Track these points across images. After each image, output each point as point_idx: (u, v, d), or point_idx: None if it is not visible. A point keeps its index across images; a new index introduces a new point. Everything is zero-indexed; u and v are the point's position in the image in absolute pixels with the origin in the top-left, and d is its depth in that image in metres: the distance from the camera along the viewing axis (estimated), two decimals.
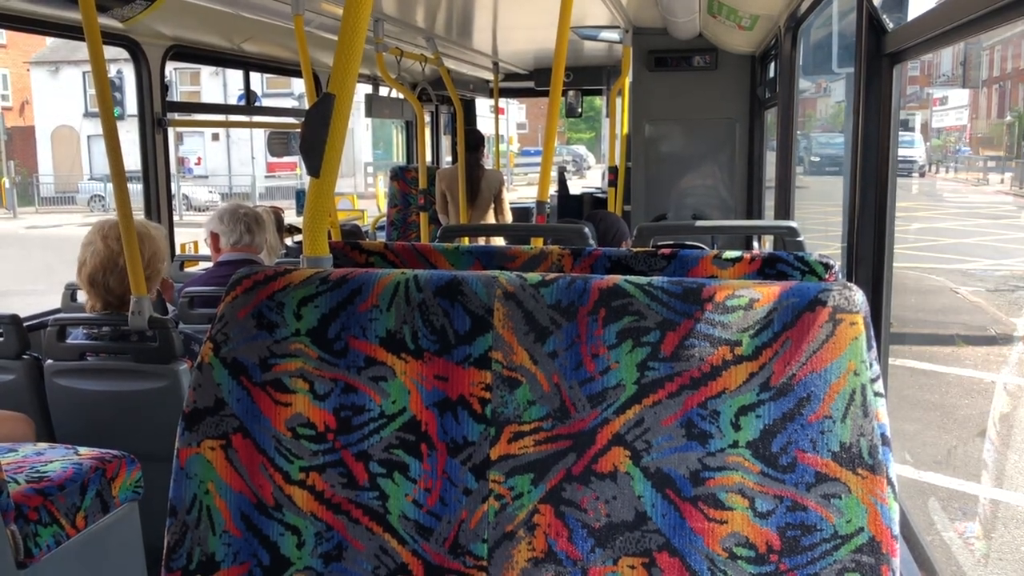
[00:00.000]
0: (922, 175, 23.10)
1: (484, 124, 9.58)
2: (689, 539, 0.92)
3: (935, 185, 22.83)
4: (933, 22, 1.87)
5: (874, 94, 2.32)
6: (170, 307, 3.58)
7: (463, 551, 0.96)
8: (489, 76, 7.08)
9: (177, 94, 28.20)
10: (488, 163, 7.15)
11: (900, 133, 2.42)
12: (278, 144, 5.83)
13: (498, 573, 0.95)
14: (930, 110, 23.97)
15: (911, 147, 21.29)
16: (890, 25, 2.27)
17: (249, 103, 5.67)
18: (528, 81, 7.77)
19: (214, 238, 3.62)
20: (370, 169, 29.80)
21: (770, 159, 5.43)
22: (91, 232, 2.90)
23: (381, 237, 7.66)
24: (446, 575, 0.97)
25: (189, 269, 4.65)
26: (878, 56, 2.30)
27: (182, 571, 0.99)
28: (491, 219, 6.31)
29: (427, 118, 7.91)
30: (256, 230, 3.58)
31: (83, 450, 2.44)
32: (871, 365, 0.89)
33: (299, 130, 1.20)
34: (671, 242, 3.67)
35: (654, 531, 0.93)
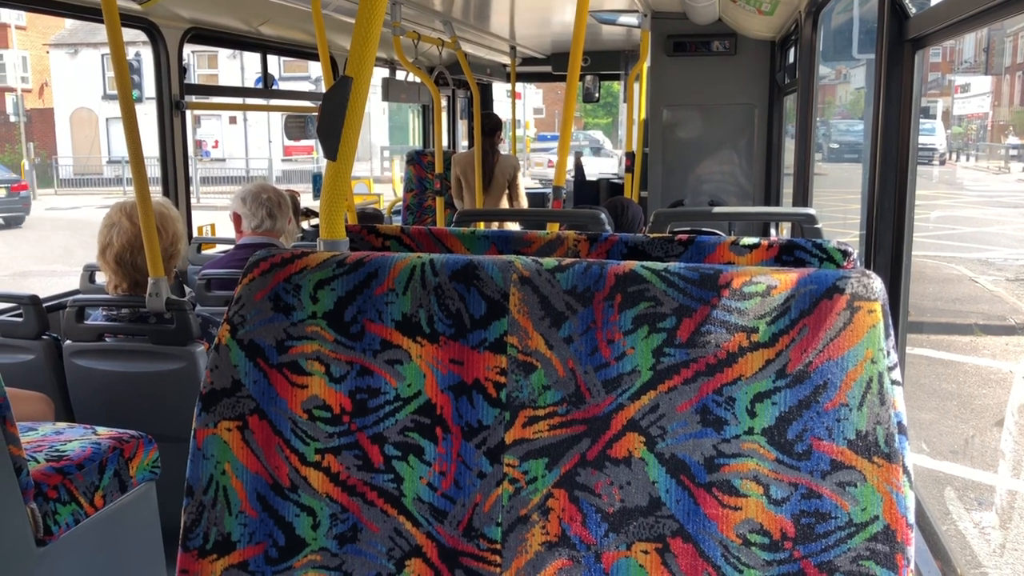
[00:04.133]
0: (942, 163, 22.88)
1: (501, 108, 9.56)
2: (703, 525, 0.92)
3: (955, 173, 22.62)
4: (956, 7, 1.85)
5: (895, 80, 2.30)
6: (187, 289, 3.60)
7: (477, 534, 0.96)
8: (506, 60, 7.05)
9: (195, 77, 28.27)
10: (505, 148, 7.13)
11: (921, 120, 2.40)
12: (295, 127, 5.84)
13: (512, 556, 0.96)
14: (952, 97, 23.72)
15: (931, 135, 21.08)
16: (913, 10, 2.24)
17: (266, 86, 5.67)
18: (545, 66, 7.73)
19: (236, 219, 3.64)
20: (386, 153, 29.80)
21: (789, 146, 5.40)
22: (113, 212, 2.90)
23: (397, 221, 7.67)
24: (460, 558, 0.97)
25: (206, 251, 4.68)
26: (900, 42, 2.28)
27: (198, 551, 1.00)
28: (505, 205, 6.29)
29: (444, 102, 7.90)
30: (278, 214, 3.58)
31: (101, 430, 2.47)
32: (888, 353, 0.89)
33: (316, 113, 1.20)
34: (688, 228, 3.66)
35: (668, 517, 0.93)
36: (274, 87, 6.28)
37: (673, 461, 0.92)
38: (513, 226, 5.75)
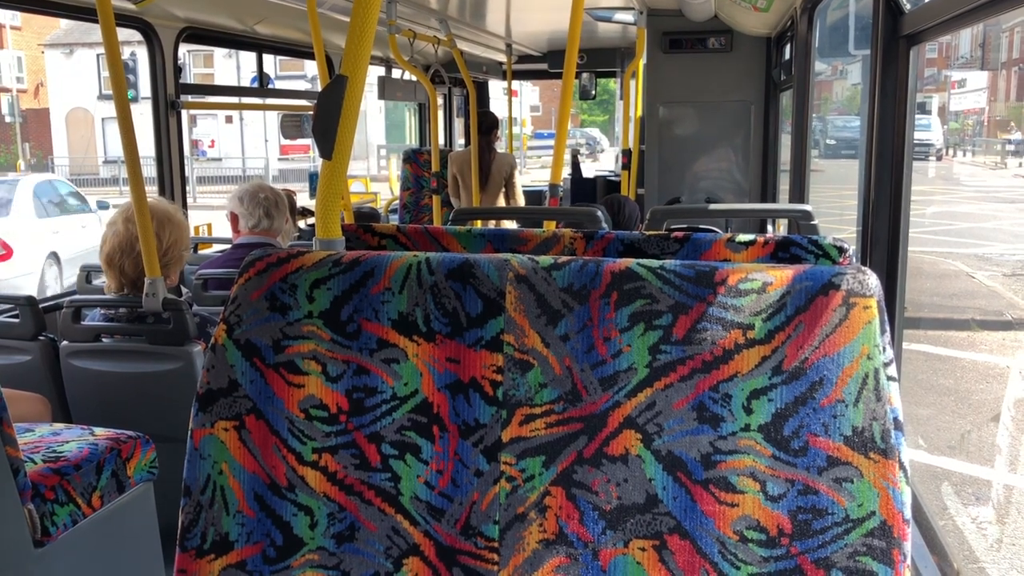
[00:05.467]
0: (939, 158, 22.89)
1: (497, 106, 9.55)
2: (700, 522, 0.92)
3: (952, 169, 22.64)
4: (951, 3, 1.85)
5: (890, 76, 2.30)
6: (183, 289, 3.60)
7: (474, 532, 0.96)
8: (502, 58, 7.05)
9: (190, 76, 28.23)
10: (502, 146, 7.12)
11: (916, 116, 2.40)
12: (291, 126, 5.83)
13: (509, 554, 0.96)
14: (947, 93, 23.73)
15: (927, 130, 21.09)
16: (907, 6, 2.24)
17: (262, 85, 5.67)
18: (541, 63, 7.73)
19: (234, 218, 3.63)
20: (383, 152, 29.77)
21: (785, 142, 5.40)
22: (117, 212, 2.92)
23: (394, 220, 7.66)
24: (458, 556, 0.97)
25: (203, 251, 4.68)
26: (895, 38, 2.28)
27: (196, 550, 1.00)
28: (502, 203, 6.29)
29: (440, 100, 7.88)
30: (275, 214, 3.58)
31: (98, 431, 2.47)
32: (884, 349, 0.89)
33: (312, 112, 1.20)
34: (684, 225, 3.66)
35: (665, 514, 0.93)
36: (270, 86, 6.27)
37: (670, 458, 0.92)
38: (510, 224, 5.75)
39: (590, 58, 7.51)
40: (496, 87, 9.67)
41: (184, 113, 4.47)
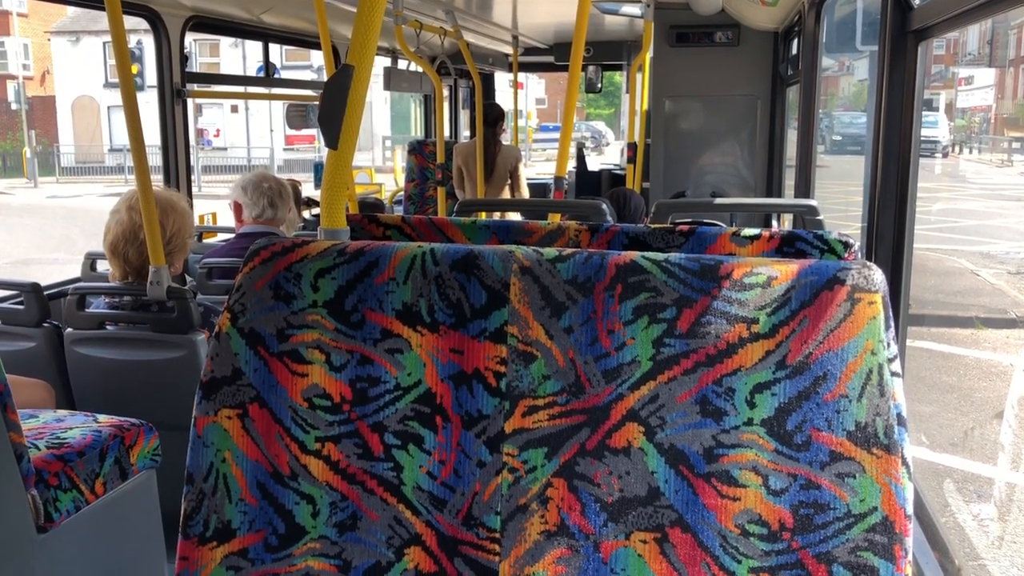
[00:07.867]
0: (945, 156, 22.82)
1: (503, 98, 9.54)
2: (702, 515, 0.92)
3: (958, 166, 22.57)
4: None
5: (898, 72, 2.29)
6: (188, 277, 3.60)
7: (476, 523, 0.97)
8: (508, 50, 7.04)
9: (197, 65, 28.22)
10: (507, 138, 7.12)
11: (924, 113, 2.40)
12: (296, 116, 5.82)
13: (511, 545, 0.96)
14: (955, 90, 23.64)
15: (934, 127, 21.01)
16: (916, 1, 2.23)
17: (268, 75, 5.66)
18: (548, 56, 7.71)
19: (237, 207, 3.63)
20: (388, 143, 29.75)
21: (791, 137, 5.39)
22: (120, 201, 2.92)
23: (398, 211, 7.66)
24: (459, 546, 0.97)
25: (208, 240, 4.68)
26: (903, 33, 2.27)
27: (199, 538, 1.01)
28: (507, 195, 6.29)
29: (445, 92, 7.87)
30: (279, 204, 3.58)
31: (102, 418, 2.47)
32: (889, 345, 0.89)
33: (318, 102, 1.20)
34: (689, 219, 3.65)
35: (667, 507, 0.93)
36: (276, 76, 6.26)
37: (672, 451, 0.92)
38: (514, 216, 5.75)
39: (596, 51, 7.50)
40: (502, 79, 9.66)
41: (190, 102, 4.47)
